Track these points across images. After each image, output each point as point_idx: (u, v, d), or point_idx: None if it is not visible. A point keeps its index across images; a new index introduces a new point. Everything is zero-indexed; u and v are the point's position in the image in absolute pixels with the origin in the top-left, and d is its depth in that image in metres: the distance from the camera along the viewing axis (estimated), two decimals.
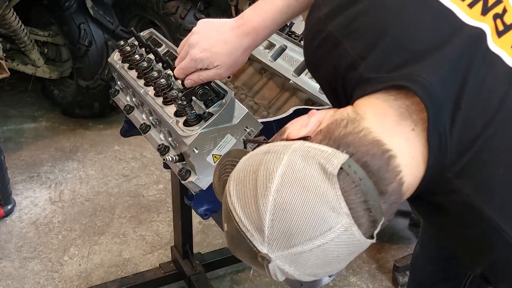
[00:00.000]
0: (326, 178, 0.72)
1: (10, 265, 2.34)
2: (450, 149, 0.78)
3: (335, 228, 0.71)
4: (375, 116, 0.80)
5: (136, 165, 3.02)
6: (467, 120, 0.77)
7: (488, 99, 0.78)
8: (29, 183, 2.85)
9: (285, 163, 0.74)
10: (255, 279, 2.31)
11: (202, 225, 2.56)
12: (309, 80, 1.51)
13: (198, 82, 1.17)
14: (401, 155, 0.77)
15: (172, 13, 2.98)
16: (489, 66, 0.79)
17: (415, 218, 2.54)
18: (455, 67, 0.78)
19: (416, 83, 0.77)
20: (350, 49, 0.86)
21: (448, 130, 0.77)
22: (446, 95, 0.77)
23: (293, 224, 0.71)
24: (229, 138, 1.21)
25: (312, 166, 0.73)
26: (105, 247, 2.45)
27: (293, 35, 1.77)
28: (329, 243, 0.71)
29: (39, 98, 3.63)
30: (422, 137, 0.79)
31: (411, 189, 0.81)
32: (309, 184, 0.72)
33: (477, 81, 0.78)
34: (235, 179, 0.78)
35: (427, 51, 0.80)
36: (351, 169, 0.73)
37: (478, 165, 0.78)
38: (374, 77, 0.82)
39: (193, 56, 1.12)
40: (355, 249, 0.75)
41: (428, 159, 0.79)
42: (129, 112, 1.48)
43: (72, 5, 3.06)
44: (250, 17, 1.12)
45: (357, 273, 2.33)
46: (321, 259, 0.73)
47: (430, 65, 0.79)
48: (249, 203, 0.74)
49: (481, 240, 0.82)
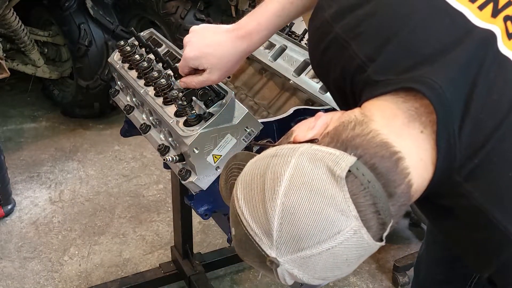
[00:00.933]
0: (334, 181, 0.71)
1: (10, 265, 2.34)
2: (459, 152, 0.77)
3: (344, 231, 0.71)
4: (384, 118, 0.80)
5: (136, 165, 3.02)
6: (476, 123, 0.77)
7: (498, 102, 0.77)
8: (29, 183, 2.85)
9: (293, 166, 0.73)
10: (255, 279, 2.31)
11: (202, 225, 2.56)
12: (309, 80, 1.51)
13: (191, 86, 1.17)
14: (409, 157, 0.77)
15: (172, 13, 2.97)
16: (499, 69, 0.78)
17: (415, 218, 2.54)
18: (465, 69, 0.78)
19: (426, 86, 0.77)
20: (358, 51, 0.85)
21: (457, 133, 0.77)
22: (456, 98, 0.77)
23: (301, 227, 0.71)
24: (229, 138, 1.21)
25: (320, 169, 0.72)
26: (105, 247, 2.45)
27: (293, 35, 1.77)
28: (338, 247, 0.71)
29: (39, 98, 3.63)
30: (431, 140, 0.78)
31: (419, 191, 0.80)
32: (317, 187, 0.71)
33: (487, 83, 0.78)
34: (242, 182, 0.78)
35: (436, 53, 0.79)
36: (359, 171, 0.73)
37: (487, 168, 0.77)
38: (382, 79, 0.82)
39: (185, 55, 1.13)
40: (364, 252, 0.74)
41: (437, 162, 0.78)
42: (129, 112, 1.48)
43: (72, 5, 3.06)
44: (246, 22, 1.12)
45: (357, 273, 2.33)
46: (330, 262, 0.72)
47: (440, 67, 0.78)
48: (257, 207, 0.73)
49: (489, 244, 0.81)
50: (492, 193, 0.78)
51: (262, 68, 1.66)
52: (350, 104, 0.89)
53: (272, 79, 1.63)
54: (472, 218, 0.80)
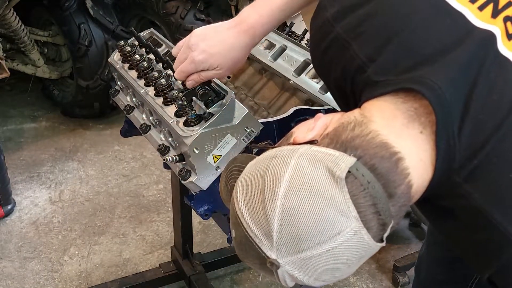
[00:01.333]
0: (334, 182, 0.71)
1: (10, 265, 2.34)
2: (458, 153, 0.77)
3: (344, 232, 0.70)
4: (383, 118, 0.79)
5: (136, 165, 3.02)
6: (476, 123, 0.77)
7: (498, 102, 0.77)
8: (29, 183, 2.85)
9: (292, 168, 0.73)
10: (255, 279, 2.31)
11: (202, 225, 2.56)
12: (309, 80, 1.50)
13: (200, 82, 1.17)
14: (409, 157, 0.77)
15: (172, 13, 2.98)
16: (500, 69, 0.78)
17: (415, 218, 2.54)
18: (465, 70, 0.78)
19: (425, 86, 0.77)
20: (359, 51, 0.85)
21: (457, 134, 0.77)
22: (456, 98, 0.77)
23: (301, 228, 0.70)
24: (229, 138, 1.21)
25: (320, 170, 0.72)
26: (105, 247, 2.45)
27: (293, 35, 1.77)
28: (338, 248, 0.71)
29: (39, 98, 3.63)
30: (431, 140, 0.78)
31: (419, 192, 0.80)
32: (317, 188, 0.71)
33: (487, 84, 0.77)
34: (242, 184, 0.78)
35: (436, 54, 0.79)
36: (359, 172, 0.72)
37: (487, 169, 0.77)
38: (382, 80, 0.82)
39: (193, 59, 1.12)
40: (365, 253, 0.74)
41: (436, 163, 0.78)
42: (129, 112, 1.48)
43: (72, 5, 3.06)
44: (248, 15, 1.12)
45: (357, 273, 2.33)
46: (331, 264, 0.72)
47: (439, 68, 0.78)
48: (257, 209, 0.73)
49: (489, 245, 0.81)
50: (492, 194, 0.78)
51: (262, 68, 1.66)
52: (351, 105, 0.89)
53: (272, 79, 1.63)
54: (472, 219, 0.80)
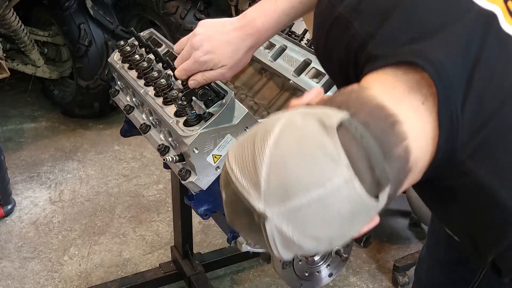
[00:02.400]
0: (325, 132, 0.69)
1: (10, 265, 2.34)
2: (462, 130, 0.75)
3: (334, 179, 0.67)
4: (383, 88, 0.78)
5: (136, 165, 3.02)
6: (479, 100, 0.75)
7: (501, 79, 0.76)
8: (29, 183, 2.85)
9: (284, 121, 0.71)
10: (255, 279, 2.32)
11: (202, 225, 2.56)
12: (309, 80, 1.51)
13: (202, 83, 1.16)
14: (408, 124, 0.74)
15: (172, 13, 2.98)
16: (502, 46, 0.77)
17: (415, 218, 2.54)
18: (466, 45, 0.76)
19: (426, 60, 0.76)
20: (360, 29, 0.84)
21: (460, 110, 0.75)
22: (457, 74, 0.75)
23: (289, 175, 0.68)
24: (229, 138, 1.21)
25: (311, 121, 0.70)
26: (105, 247, 2.46)
27: (293, 35, 1.77)
28: (328, 196, 0.67)
29: (39, 98, 3.63)
30: (433, 112, 0.76)
31: (420, 166, 0.77)
32: (307, 136, 0.69)
33: (490, 60, 0.76)
34: (234, 145, 0.76)
35: (436, 27, 0.78)
36: (352, 125, 0.70)
37: (491, 146, 0.75)
38: (382, 53, 0.81)
39: (197, 59, 1.12)
40: (357, 207, 0.70)
41: (439, 140, 0.76)
42: (129, 112, 1.48)
43: (72, 5, 3.06)
44: (253, 17, 1.12)
45: (357, 273, 2.34)
46: (321, 216, 0.69)
47: (439, 42, 0.77)
48: (247, 162, 0.71)
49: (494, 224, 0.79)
50: (496, 172, 0.76)
51: (262, 68, 1.66)
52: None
53: (272, 79, 1.63)
54: (475, 199, 0.78)
